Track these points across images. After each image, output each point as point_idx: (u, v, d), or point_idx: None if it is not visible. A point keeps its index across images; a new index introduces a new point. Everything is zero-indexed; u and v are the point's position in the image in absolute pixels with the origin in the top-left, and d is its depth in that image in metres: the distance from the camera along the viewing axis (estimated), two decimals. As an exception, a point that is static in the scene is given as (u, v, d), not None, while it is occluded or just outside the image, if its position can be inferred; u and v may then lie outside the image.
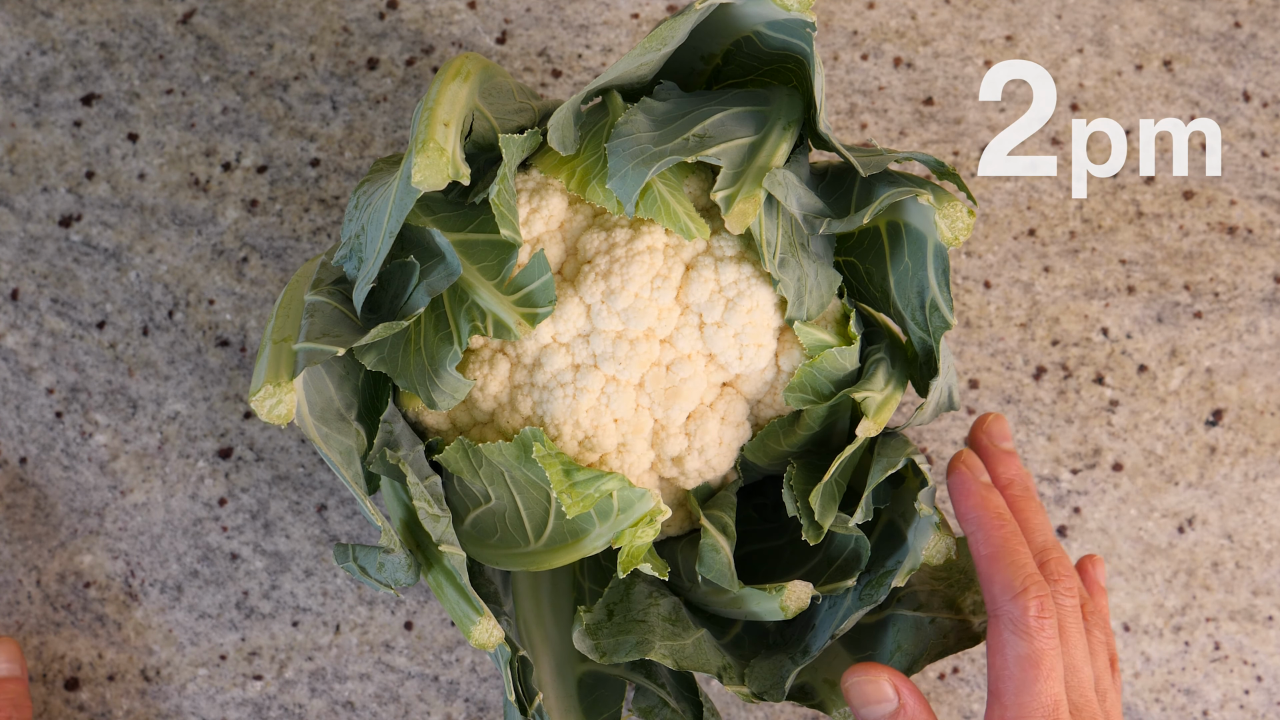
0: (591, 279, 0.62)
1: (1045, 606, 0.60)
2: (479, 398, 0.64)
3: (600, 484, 0.60)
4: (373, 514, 0.62)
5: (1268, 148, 0.82)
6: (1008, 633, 0.60)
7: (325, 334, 0.59)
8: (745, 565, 0.68)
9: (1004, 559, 0.62)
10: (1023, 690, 0.59)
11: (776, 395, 0.65)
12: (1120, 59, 0.82)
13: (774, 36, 0.64)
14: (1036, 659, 0.59)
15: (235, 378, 0.79)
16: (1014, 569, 0.61)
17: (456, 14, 0.81)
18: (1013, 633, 0.60)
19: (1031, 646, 0.60)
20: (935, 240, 0.62)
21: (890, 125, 0.82)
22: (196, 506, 0.79)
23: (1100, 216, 0.82)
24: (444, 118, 0.59)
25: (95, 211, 0.80)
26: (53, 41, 0.80)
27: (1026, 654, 0.59)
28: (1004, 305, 0.81)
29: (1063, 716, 0.59)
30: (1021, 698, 0.59)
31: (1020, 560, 0.61)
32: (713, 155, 0.60)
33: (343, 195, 0.80)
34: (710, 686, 0.78)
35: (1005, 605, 0.60)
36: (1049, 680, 0.59)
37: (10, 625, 0.78)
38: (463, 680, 0.79)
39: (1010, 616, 0.60)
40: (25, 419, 0.79)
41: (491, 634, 0.61)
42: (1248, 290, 0.82)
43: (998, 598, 0.61)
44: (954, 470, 0.66)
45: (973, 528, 0.63)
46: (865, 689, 0.62)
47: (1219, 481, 0.81)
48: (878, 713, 0.62)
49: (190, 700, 0.78)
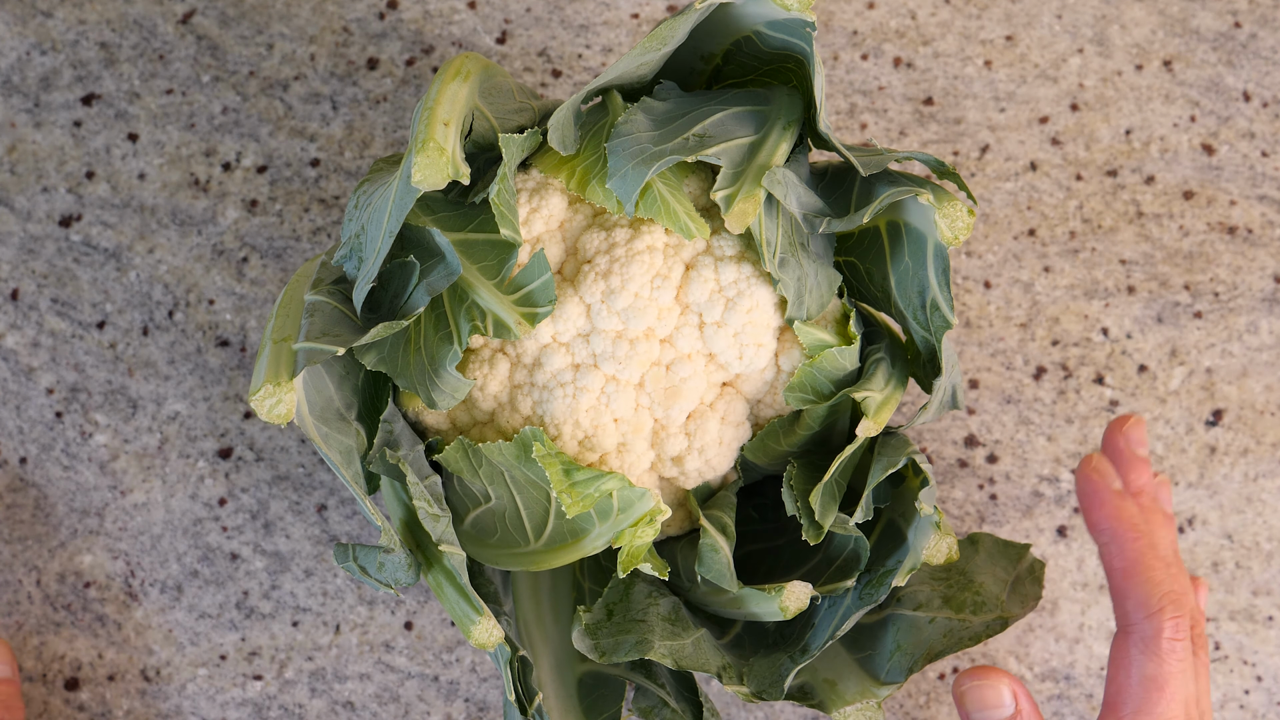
0: (591, 278, 0.62)
1: (1180, 629, 0.59)
2: (479, 397, 0.64)
3: (600, 484, 0.60)
4: (373, 514, 0.62)
5: (1268, 148, 0.82)
6: (1136, 650, 0.59)
7: (325, 333, 0.59)
8: (745, 565, 0.68)
9: (1140, 574, 0.60)
10: (1143, 711, 0.58)
11: (776, 395, 0.65)
12: (1120, 59, 0.82)
13: (774, 36, 0.64)
14: (1163, 682, 0.58)
15: (235, 378, 0.79)
16: (1151, 586, 0.59)
17: (456, 14, 0.81)
18: (1142, 651, 0.58)
19: (1160, 669, 0.58)
20: (935, 240, 0.62)
21: (890, 125, 0.82)
22: (196, 506, 0.79)
23: (1100, 216, 0.82)
24: (444, 117, 0.59)
25: (95, 211, 0.80)
26: (53, 41, 0.81)
27: (1154, 676, 0.58)
28: (1004, 305, 0.81)
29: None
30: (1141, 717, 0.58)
31: (1157, 577, 0.60)
32: (713, 155, 0.60)
33: (343, 195, 0.80)
34: (710, 686, 0.78)
35: (1139, 623, 0.59)
36: (1173, 703, 0.58)
37: (10, 625, 0.78)
38: (463, 680, 0.79)
39: (1143, 635, 0.59)
40: (25, 419, 0.79)
41: (491, 634, 0.61)
42: (1248, 290, 0.82)
43: (1131, 614, 0.60)
44: (1085, 476, 0.64)
45: (1106, 539, 0.62)
46: (984, 693, 0.62)
47: (1219, 481, 0.81)
48: (993, 718, 0.62)
49: (190, 700, 0.78)
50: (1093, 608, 0.80)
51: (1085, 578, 0.80)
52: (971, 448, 0.81)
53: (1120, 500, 0.63)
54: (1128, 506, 0.62)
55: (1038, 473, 0.80)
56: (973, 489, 0.80)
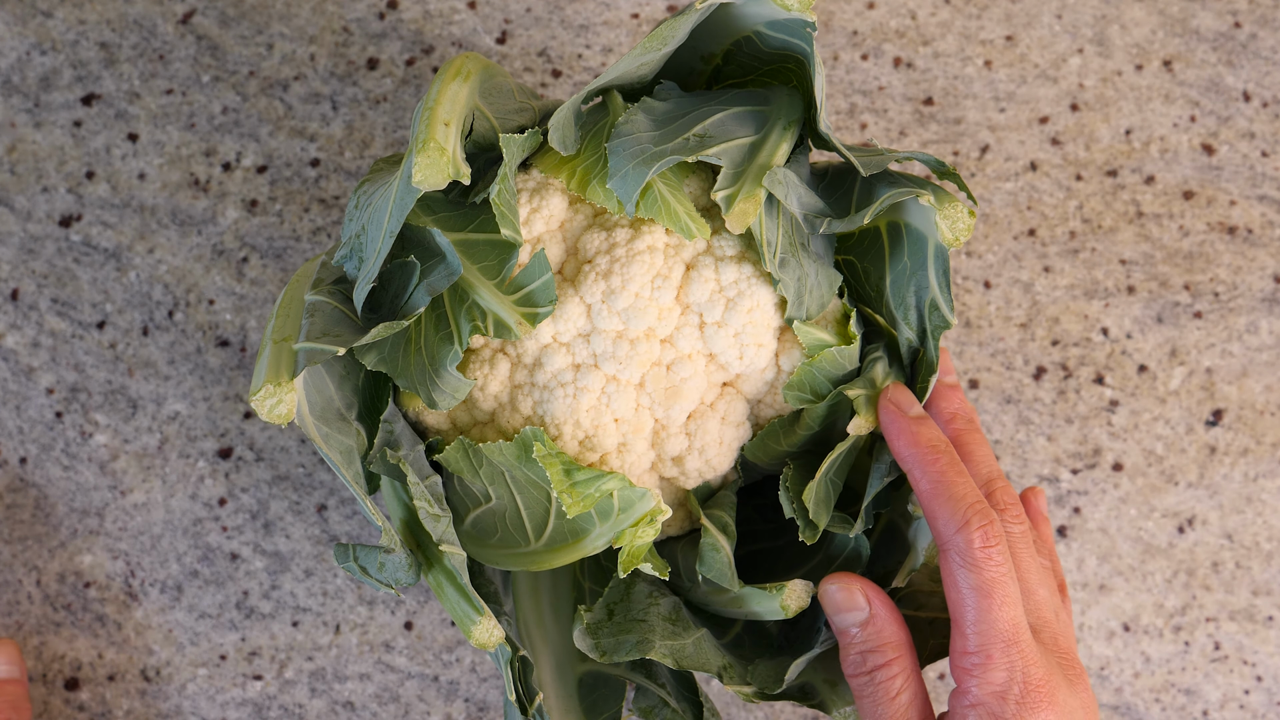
0: (592, 279, 0.62)
1: (990, 535, 0.60)
2: (479, 397, 0.64)
3: (600, 484, 0.60)
4: (373, 514, 0.62)
5: (1268, 148, 0.82)
6: (956, 565, 0.60)
7: (325, 334, 0.59)
8: (746, 565, 0.68)
9: (944, 492, 0.61)
10: (981, 619, 0.59)
11: (777, 395, 0.65)
12: (1120, 59, 0.82)
13: (774, 36, 0.64)
14: (988, 588, 0.59)
15: (235, 378, 0.79)
16: (954, 501, 0.60)
17: (456, 14, 0.81)
18: (961, 565, 0.60)
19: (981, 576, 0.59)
20: (936, 240, 0.62)
21: (890, 125, 0.82)
22: (196, 506, 0.79)
23: (1100, 216, 0.82)
24: (444, 117, 0.59)
25: (95, 211, 0.80)
26: (53, 41, 0.80)
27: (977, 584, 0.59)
28: (1004, 305, 0.81)
29: (1024, 638, 0.59)
30: (980, 625, 0.59)
31: (959, 491, 0.61)
32: (713, 155, 0.60)
33: (343, 195, 0.80)
34: (710, 686, 0.78)
35: (951, 538, 0.60)
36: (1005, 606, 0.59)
37: (10, 625, 0.78)
38: (463, 680, 0.79)
39: (957, 549, 0.60)
40: (25, 419, 0.79)
41: (492, 634, 0.61)
42: (1248, 290, 0.82)
43: (942, 532, 0.60)
44: (883, 408, 0.64)
45: (909, 465, 0.62)
46: (837, 596, 0.63)
47: (1219, 481, 0.81)
48: (849, 620, 0.62)
49: (190, 700, 0.78)
50: (1093, 608, 0.80)
51: (1085, 578, 0.80)
52: (971, 448, 0.81)
53: (918, 425, 0.63)
54: (925, 430, 0.63)
55: (1037, 473, 0.80)
56: (973, 489, 0.80)
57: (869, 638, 0.62)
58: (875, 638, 0.62)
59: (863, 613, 0.62)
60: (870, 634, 0.62)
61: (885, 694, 0.61)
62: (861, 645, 0.62)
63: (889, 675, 0.61)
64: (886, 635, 0.62)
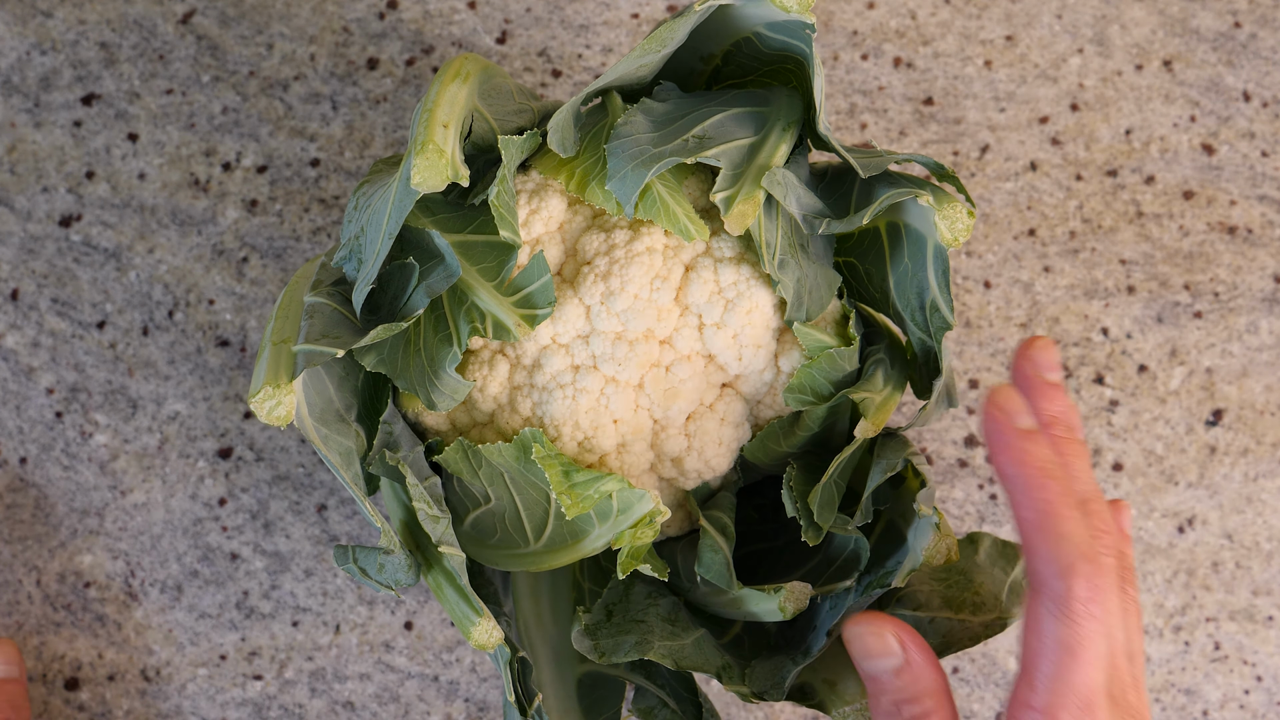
0: (591, 280, 0.62)
1: (1096, 589, 0.53)
2: (478, 399, 0.64)
3: (600, 485, 0.60)
4: (372, 515, 0.62)
5: (1268, 148, 0.82)
6: (1047, 613, 0.54)
7: (325, 335, 0.59)
8: (745, 565, 0.68)
9: (1050, 528, 0.54)
10: (1057, 678, 0.53)
11: (776, 396, 0.65)
12: (1120, 59, 0.82)
13: (773, 37, 0.64)
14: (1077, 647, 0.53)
15: (235, 378, 0.79)
16: (1061, 541, 0.54)
17: (456, 14, 0.81)
18: (1053, 615, 0.54)
19: (1074, 633, 0.53)
20: (935, 241, 0.62)
21: (890, 125, 0.82)
22: (196, 506, 0.79)
23: (1100, 216, 0.82)
24: (443, 119, 0.59)
25: (95, 211, 0.80)
26: (53, 41, 0.80)
27: (1066, 639, 0.53)
28: (1004, 305, 0.81)
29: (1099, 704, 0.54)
30: (1056, 684, 0.53)
31: (1068, 530, 0.54)
32: (712, 156, 0.60)
33: (343, 195, 0.80)
34: (710, 686, 0.78)
35: (1050, 582, 0.54)
36: (1088, 669, 0.53)
37: (10, 625, 0.78)
38: (463, 680, 0.79)
39: (1054, 595, 0.54)
40: (25, 419, 0.79)
41: (491, 634, 0.61)
42: (1248, 290, 0.81)
43: (1041, 571, 0.54)
44: (989, 415, 0.57)
45: (1012, 486, 0.56)
46: (868, 641, 0.58)
47: (1219, 481, 0.81)
48: (880, 667, 0.58)
49: (190, 700, 0.78)
50: (1092, 608, 0.80)
51: (1085, 578, 0.80)
52: (971, 448, 0.81)
53: (1027, 442, 0.56)
54: (1036, 449, 0.56)
55: (1037, 473, 0.80)
56: (973, 489, 0.80)
57: (904, 686, 0.57)
58: (912, 686, 0.57)
59: (897, 659, 0.57)
60: (906, 682, 0.57)
61: None
62: (896, 694, 0.57)
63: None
64: (924, 683, 0.57)
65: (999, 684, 0.79)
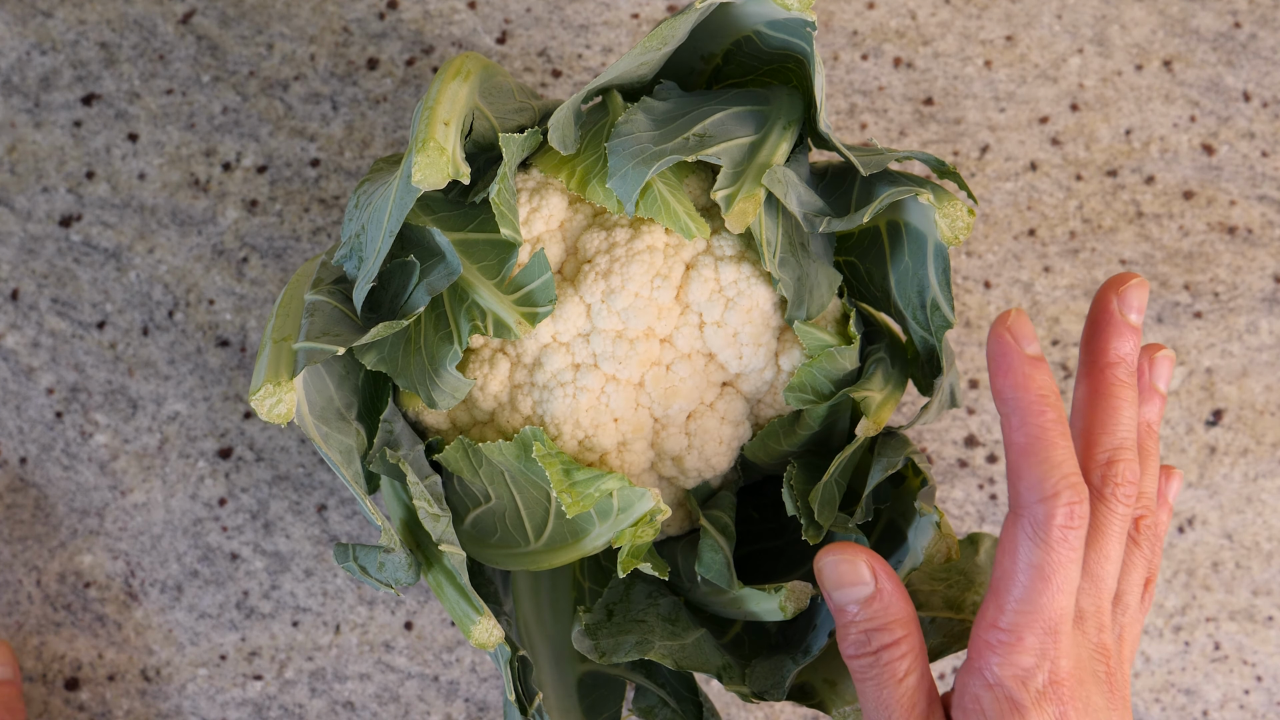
0: (591, 278, 0.62)
1: (1075, 516, 0.53)
2: (479, 397, 0.64)
3: (600, 483, 0.60)
4: (373, 513, 0.62)
5: (1268, 148, 0.82)
6: (1024, 535, 0.53)
7: (325, 333, 0.59)
8: (745, 565, 0.68)
9: (1039, 453, 0.54)
10: (1026, 598, 0.53)
11: (776, 395, 0.65)
12: (1120, 59, 0.82)
13: (774, 36, 0.64)
14: (1049, 572, 0.53)
15: (235, 378, 0.79)
16: (1048, 467, 0.53)
17: (456, 14, 0.81)
18: (1030, 538, 0.53)
19: (1047, 557, 0.53)
20: (935, 239, 0.62)
21: (890, 125, 0.82)
22: (196, 506, 0.79)
23: (1100, 216, 0.82)
24: (444, 117, 0.59)
25: (95, 211, 0.80)
26: (53, 41, 0.81)
27: (1039, 563, 0.53)
28: (1004, 305, 0.81)
29: (1065, 628, 0.54)
30: (1023, 604, 0.53)
31: (1057, 457, 0.53)
32: (713, 154, 0.60)
33: (343, 195, 0.80)
34: (710, 686, 0.78)
35: (1030, 505, 0.53)
36: (1058, 594, 0.53)
37: (10, 625, 0.78)
38: (463, 680, 0.79)
39: (1033, 518, 0.53)
40: (25, 419, 0.79)
41: (491, 634, 0.61)
42: (1248, 290, 0.82)
43: (1023, 494, 0.54)
44: (997, 336, 0.56)
45: (1008, 409, 0.55)
46: (840, 569, 0.57)
47: (1219, 481, 0.81)
48: (851, 596, 0.57)
49: (190, 700, 0.78)
50: (1093, 608, 0.80)
51: (1085, 578, 0.80)
52: (971, 448, 0.81)
53: (1031, 368, 0.55)
54: (1039, 375, 0.55)
55: (1038, 473, 0.80)
56: (973, 489, 0.80)
57: (874, 614, 0.57)
58: (882, 614, 0.57)
59: (867, 587, 0.57)
60: (876, 610, 0.57)
61: (892, 676, 0.57)
62: (866, 623, 0.57)
63: (896, 655, 0.57)
64: (894, 611, 0.57)
65: (999, 684, 0.79)
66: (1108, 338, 0.58)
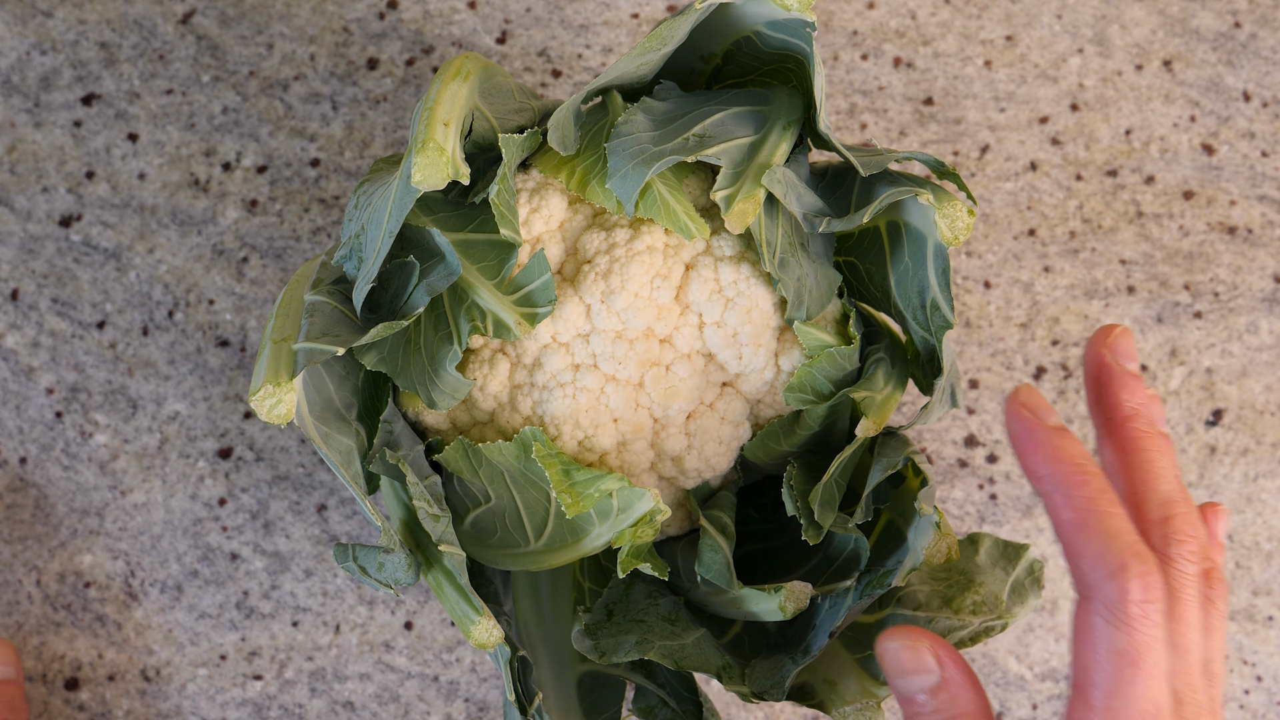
0: (591, 279, 0.62)
1: (1150, 587, 0.49)
2: (479, 397, 0.64)
3: (600, 484, 0.60)
4: (372, 514, 0.62)
5: (1268, 148, 0.82)
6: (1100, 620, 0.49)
7: (325, 334, 0.59)
8: (745, 565, 0.68)
9: (1094, 526, 0.50)
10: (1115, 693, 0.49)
11: (776, 395, 0.65)
12: (1120, 59, 0.82)
13: (774, 36, 0.64)
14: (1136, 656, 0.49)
15: (235, 378, 0.79)
16: (1108, 539, 0.49)
17: (456, 14, 0.81)
18: (1108, 621, 0.49)
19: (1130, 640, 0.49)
20: (935, 240, 0.62)
21: (890, 125, 0.82)
22: (196, 506, 0.79)
23: (1100, 216, 0.82)
24: (444, 117, 0.59)
25: (95, 211, 0.80)
26: (53, 41, 0.81)
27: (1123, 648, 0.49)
28: (1004, 305, 0.81)
29: None
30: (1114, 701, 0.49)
31: (1114, 527, 0.50)
32: (713, 155, 0.60)
33: (343, 195, 0.80)
34: (710, 686, 0.78)
35: (1100, 585, 0.49)
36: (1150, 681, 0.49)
37: (10, 625, 0.78)
38: (463, 680, 0.79)
39: (1106, 599, 0.49)
40: (25, 419, 0.79)
41: (491, 634, 0.61)
42: (1248, 290, 0.81)
43: (1088, 575, 0.50)
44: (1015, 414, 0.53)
45: (1048, 487, 0.52)
46: (902, 656, 0.54)
47: (1219, 481, 0.81)
48: (916, 685, 0.53)
49: (190, 700, 0.78)
50: (1093, 608, 0.80)
51: (1085, 578, 0.80)
52: (971, 448, 0.81)
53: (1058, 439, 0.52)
54: (1069, 445, 0.52)
55: (1038, 473, 0.80)
56: (973, 489, 0.80)
57: (941, 706, 0.53)
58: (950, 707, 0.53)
59: (933, 676, 0.53)
60: (944, 702, 0.53)
61: None
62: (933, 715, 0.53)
63: None
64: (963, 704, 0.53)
65: (999, 684, 0.79)
66: (1116, 392, 0.55)
